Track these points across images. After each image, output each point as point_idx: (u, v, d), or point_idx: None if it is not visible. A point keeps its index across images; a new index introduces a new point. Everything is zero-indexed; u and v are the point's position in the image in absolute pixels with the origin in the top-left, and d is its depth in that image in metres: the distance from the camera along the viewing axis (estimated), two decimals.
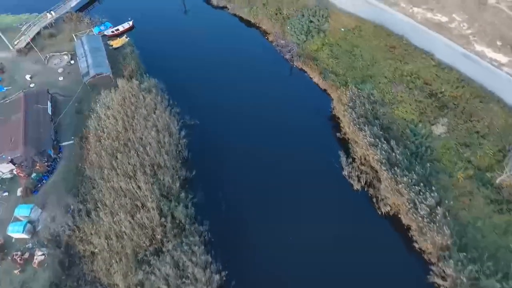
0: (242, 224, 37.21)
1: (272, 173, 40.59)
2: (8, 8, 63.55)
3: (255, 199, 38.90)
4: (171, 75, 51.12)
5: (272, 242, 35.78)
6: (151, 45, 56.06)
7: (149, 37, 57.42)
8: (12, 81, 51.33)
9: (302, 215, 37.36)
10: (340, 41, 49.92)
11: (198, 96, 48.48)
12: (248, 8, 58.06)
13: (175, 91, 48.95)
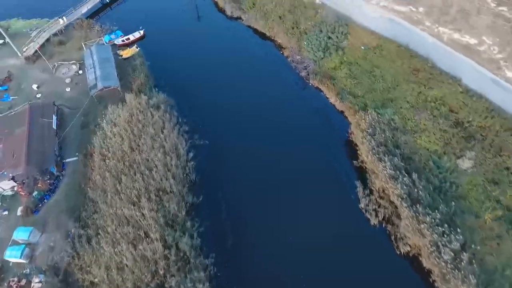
0: (250, 257, 35.14)
1: (284, 201, 38.33)
2: (20, 12, 62.52)
3: (265, 229, 36.68)
4: (181, 88, 49.32)
5: (283, 275, 33.63)
6: (162, 55, 54.32)
7: (160, 47, 55.73)
8: (19, 90, 50.04)
9: (315, 249, 35.02)
10: (359, 60, 47.26)
11: (208, 113, 46.47)
12: (263, 20, 55.76)
13: (184, 106, 47.19)
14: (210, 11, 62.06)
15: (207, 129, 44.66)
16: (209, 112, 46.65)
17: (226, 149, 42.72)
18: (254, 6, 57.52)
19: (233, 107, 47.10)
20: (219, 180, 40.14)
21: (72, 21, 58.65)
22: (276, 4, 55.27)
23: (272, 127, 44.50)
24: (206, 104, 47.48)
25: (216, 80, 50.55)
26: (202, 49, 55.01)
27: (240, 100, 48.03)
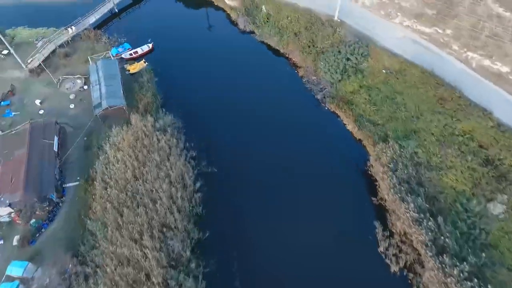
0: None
1: (298, 238, 35.55)
2: (27, 20, 60.54)
3: (276, 270, 34.10)
4: (189, 107, 46.84)
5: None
6: (170, 70, 51.94)
7: (169, 61, 53.30)
8: (21, 106, 48.03)
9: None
10: (380, 85, 44.26)
11: (217, 135, 43.90)
12: (278, 36, 52.99)
13: (193, 127, 44.55)
14: (222, 23, 59.55)
15: (215, 153, 42.05)
16: (218, 134, 44.08)
17: (236, 177, 40.05)
18: (268, 21, 54.83)
19: (243, 130, 44.57)
20: (227, 212, 37.48)
21: (80, 32, 56.62)
22: (291, 20, 52.47)
23: (285, 153, 41.79)
24: (215, 125, 44.93)
25: (226, 98, 48.01)
26: (213, 65, 52.50)
27: (251, 122, 45.39)
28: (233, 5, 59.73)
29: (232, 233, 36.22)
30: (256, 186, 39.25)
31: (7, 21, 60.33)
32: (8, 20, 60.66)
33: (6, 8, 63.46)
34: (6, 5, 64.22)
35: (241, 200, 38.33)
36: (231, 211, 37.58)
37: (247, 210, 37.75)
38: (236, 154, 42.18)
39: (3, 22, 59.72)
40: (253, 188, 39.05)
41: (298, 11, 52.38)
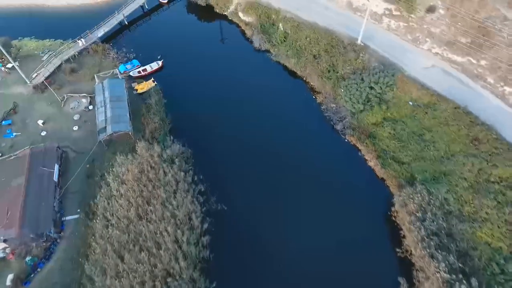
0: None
1: None
2: (34, 31, 58.26)
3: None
4: (199, 132, 43.84)
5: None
6: (180, 91, 48.92)
7: (179, 80, 50.42)
8: (23, 126, 45.66)
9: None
10: (406, 119, 40.77)
11: (228, 166, 40.85)
12: (295, 58, 49.72)
13: (201, 156, 41.53)
14: (236, 40, 56.40)
15: (225, 186, 39.04)
16: (229, 164, 41.04)
17: (247, 216, 36.97)
18: (286, 40, 51.60)
19: (256, 160, 41.32)
20: (237, 257, 34.56)
21: (88, 45, 54.15)
22: (310, 40, 49.14)
23: (301, 189, 38.64)
24: (226, 154, 41.83)
25: (239, 124, 44.90)
26: (225, 86, 49.48)
27: (265, 151, 42.10)
28: (248, 21, 56.64)
29: (244, 282, 33.33)
30: (270, 227, 36.21)
31: (14, 31, 58.16)
32: (15, 29, 58.42)
33: (14, 18, 61.12)
34: (15, 13, 62.06)
35: (253, 243, 35.37)
36: (241, 256, 34.64)
37: (259, 255, 34.76)
38: (247, 188, 39.18)
39: (10, 31, 57.57)
40: (266, 229, 35.99)
41: (318, 32, 49.04)
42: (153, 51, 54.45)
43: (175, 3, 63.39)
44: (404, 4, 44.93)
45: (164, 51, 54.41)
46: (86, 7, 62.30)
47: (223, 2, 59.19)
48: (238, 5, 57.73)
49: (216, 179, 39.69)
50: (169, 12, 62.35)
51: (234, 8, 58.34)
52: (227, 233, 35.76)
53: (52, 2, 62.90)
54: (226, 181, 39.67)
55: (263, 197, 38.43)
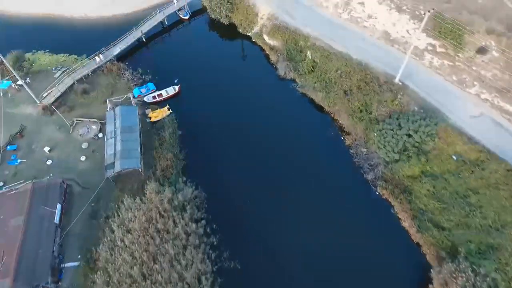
0: None
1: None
2: (48, 43, 55.44)
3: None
4: (214, 172, 40.37)
5: None
6: (196, 121, 45.17)
7: (195, 109, 46.63)
8: (29, 152, 42.84)
9: None
10: (449, 176, 35.96)
11: (245, 215, 37.09)
12: (323, 92, 45.34)
13: (216, 201, 37.86)
14: (259, 65, 52.22)
15: (241, 239, 35.26)
16: (247, 212, 37.26)
17: (265, 278, 33.22)
18: (314, 70, 47.27)
19: (276, 210, 37.29)
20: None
21: (102, 64, 51.14)
22: (341, 74, 44.69)
23: (325, 247, 34.30)
24: (243, 200, 38.02)
25: (258, 164, 40.86)
26: (245, 117, 45.53)
27: (285, 197, 38.14)
28: (273, 45, 52.51)
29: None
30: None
31: (29, 42, 55.73)
32: (31, 40, 55.97)
33: (31, 27, 58.53)
34: (32, 22, 59.57)
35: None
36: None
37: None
38: (265, 241, 35.33)
39: (25, 43, 55.23)
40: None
41: (350, 65, 44.52)
42: (170, 73, 51.07)
43: (196, 19, 59.87)
44: (451, 41, 40.00)
45: (181, 73, 50.98)
46: (103, 20, 59.38)
47: (247, 22, 55.26)
48: (263, 27, 53.69)
49: (231, 229, 35.85)
50: (189, 29, 58.81)
51: (259, 30, 54.33)
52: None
53: (69, 13, 60.29)
54: (242, 232, 35.85)
55: (283, 255, 34.52)
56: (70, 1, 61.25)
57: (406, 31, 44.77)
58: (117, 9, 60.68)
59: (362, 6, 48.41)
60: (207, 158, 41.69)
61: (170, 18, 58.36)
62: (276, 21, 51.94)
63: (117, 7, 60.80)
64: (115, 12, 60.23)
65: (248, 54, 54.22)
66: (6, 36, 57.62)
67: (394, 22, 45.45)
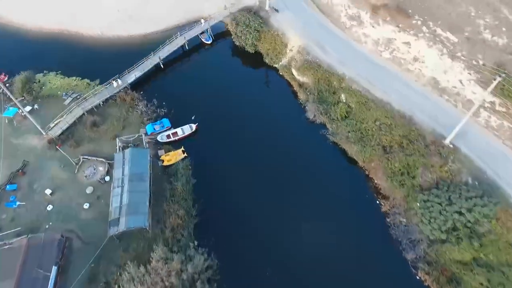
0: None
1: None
2: (61, 63, 51.65)
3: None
4: (230, 230, 35.81)
5: None
6: (213, 167, 40.58)
7: (213, 152, 42.09)
8: (29, 193, 39.03)
9: None
10: (508, 270, 29.80)
11: None
12: (358, 144, 39.82)
13: (231, 270, 33.04)
14: (286, 102, 47.19)
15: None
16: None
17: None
18: (348, 117, 41.98)
19: (303, 279, 32.68)
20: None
21: (115, 93, 47.19)
22: (381, 126, 39.27)
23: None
24: (261, 270, 33.41)
25: (281, 224, 36.08)
26: (269, 165, 40.52)
27: (311, 271, 33.26)
28: (302, 81, 47.37)
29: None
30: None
31: (41, 61, 52.13)
32: (43, 59, 52.38)
33: (44, 43, 55.04)
34: (46, 38, 56.09)
35: None
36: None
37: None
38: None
39: (37, 61, 51.72)
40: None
41: (391, 116, 39.13)
42: (187, 106, 46.56)
43: (219, 43, 55.33)
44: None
45: (200, 106, 46.42)
46: (120, 41, 55.39)
47: (275, 53, 50.25)
48: (292, 60, 48.59)
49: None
50: (211, 54, 54.21)
51: (287, 62, 49.25)
52: None
53: (85, 30, 56.60)
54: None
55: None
56: (87, 16, 57.86)
57: (459, 81, 39.05)
58: (135, 27, 56.67)
59: (407, 46, 42.84)
60: (223, 214, 37.04)
61: (191, 41, 54.04)
62: (308, 56, 46.83)
63: (134, 25, 56.80)
64: (132, 32, 56.21)
65: (274, 88, 49.24)
66: (19, 51, 54.37)
67: (446, 69, 39.77)
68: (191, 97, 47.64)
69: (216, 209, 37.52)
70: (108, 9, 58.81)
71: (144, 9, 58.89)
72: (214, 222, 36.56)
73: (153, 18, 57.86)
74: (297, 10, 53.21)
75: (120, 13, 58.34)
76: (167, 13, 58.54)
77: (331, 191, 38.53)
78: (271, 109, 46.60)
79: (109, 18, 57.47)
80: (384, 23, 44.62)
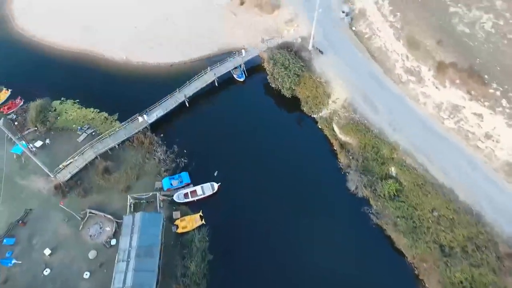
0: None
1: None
2: (79, 90, 47.65)
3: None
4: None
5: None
6: (234, 237, 35.17)
7: (235, 217, 36.63)
8: (27, 249, 34.81)
9: None
10: None
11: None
12: (409, 237, 32.63)
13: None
14: (323, 164, 40.60)
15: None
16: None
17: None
18: (397, 196, 35.09)
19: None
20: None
21: (132, 135, 42.49)
22: (439, 218, 32.19)
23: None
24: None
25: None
26: (300, 245, 34.43)
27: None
28: (344, 141, 40.69)
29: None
30: None
31: (60, 86, 48.51)
32: (62, 84, 48.66)
33: (67, 65, 51.12)
34: (69, 59, 52.23)
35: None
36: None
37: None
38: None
39: (56, 86, 48.19)
40: None
41: (454, 209, 32.01)
42: (210, 158, 41.18)
43: (252, 79, 49.57)
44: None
45: (225, 158, 40.88)
46: (145, 69, 50.81)
47: (315, 102, 43.89)
48: (335, 114, 42.10)
49: None
50: (242, 94, 48.56)
51: (329, 115, 42.76)
52: None
53: (110, 54, 52.40)
54: None
55: None
56: (112, 38, 53.71)
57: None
58: (162, 55, 51.98)
59: (479, 118, 35.47)
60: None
61: (221, 76, 48.55)
62: (354, 113, 40.30)
63: (162, 52, 52.10)
64: (160, 60, 51.51)
65: (311, 144, 42.78)
66: (41, 70, 51.06)
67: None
68: (216, 145, 42.14)
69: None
70: (136, 33, 54.48)
71: (175, 36, 54.22)
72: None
73: (183, 46, 53.06)
74: (344, 53, 46.62)
75: (148, 38, 53.82)
76: (199, 42, 53.60)
77: (373, 284, 32.13)
78: (306, 170, 40.18)
79: (137, 44, 53.18)
80: (451, 85, 37.33)
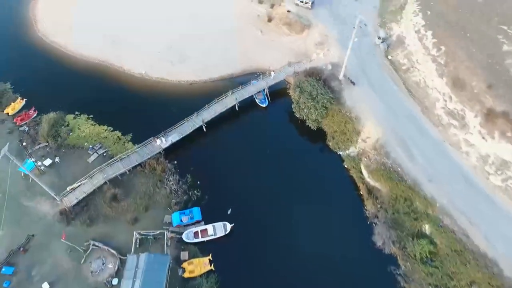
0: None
1: None
2: (94, 104, 45.71)
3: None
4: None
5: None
6: (246, 286, 32.22)
7: (248, 265, 33.39)
8: (26, 280, 32.54)
9: None
10: None
11: None
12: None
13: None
14: (347, 210, 36.65)
15: None
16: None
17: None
18: (431, 260, 31.19)
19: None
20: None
21: (145, 160, 40.00)
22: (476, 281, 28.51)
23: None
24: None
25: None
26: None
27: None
28: (373, 186, 36.85)
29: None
30: None
31: (76, 96, 46.86)
32: (77, 94, 46.98)
33: (83, 76, 49.33)
34: (86, 69, 50.39)
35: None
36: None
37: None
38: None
39: (71, 98, 46.58)
40: None
41: (497, 285, 27.93)
42: (225, 193, 38.10)
43: (275, 106, 46.35)
44: None
45: (241, 194, 37.89)
46: (164, 85, 48.57)
47: (342, 138, 40.34)
48: (364, 155, 38.39)
49: None
50: (264, 121, 45.40)
51: (357, 155, 39.12)
52: None
53: (128, 67, 50.39)
54: None
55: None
56: (132, 51, 51.60)
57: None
58: (183, 72, 49.47)
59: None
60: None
61: (242, 100, 45.58)
62: (386, 158, 36.47)
63: (182, 70, 49.62)
64: (181, 77, 49.03)
65: (334, 184, 39.17)
66: (58, 78, 49.54)
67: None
68: (232, 177, 39.23)
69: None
70: (160, 49, 52.27)
71: (197, 53, 51.58)
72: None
73: (204, 63, 50.37)
74: (378, 85, 42.78)
75: (170, 54, 51.45)
76: (221, 60, 50.75)
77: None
78: (329, 214, 36.46)
79: (159, 60, 50.92)
80: (501, 137, 33.05)
